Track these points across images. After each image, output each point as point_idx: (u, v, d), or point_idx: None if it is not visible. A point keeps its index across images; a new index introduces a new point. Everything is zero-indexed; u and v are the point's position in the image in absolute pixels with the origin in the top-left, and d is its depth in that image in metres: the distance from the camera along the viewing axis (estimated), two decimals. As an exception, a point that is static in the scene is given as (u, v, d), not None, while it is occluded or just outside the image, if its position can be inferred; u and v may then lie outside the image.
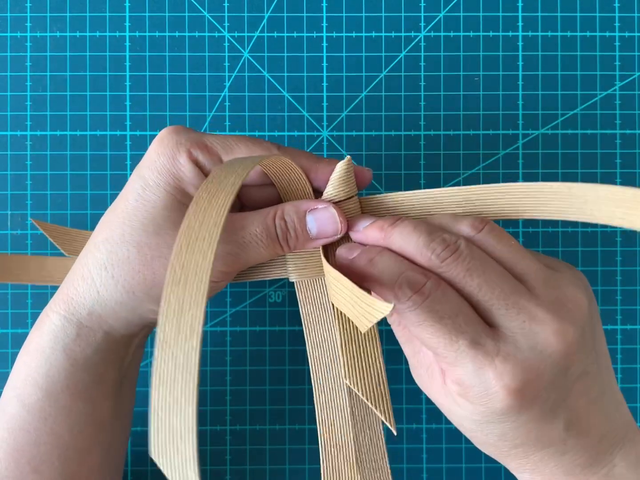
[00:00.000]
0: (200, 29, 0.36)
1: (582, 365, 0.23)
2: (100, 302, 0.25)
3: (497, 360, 0.22)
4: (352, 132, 0.36)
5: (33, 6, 0.36)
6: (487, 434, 0.24)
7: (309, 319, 0.28)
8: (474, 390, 0.22)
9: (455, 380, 0.23)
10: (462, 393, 0.23)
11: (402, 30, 0.36)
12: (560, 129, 0.36)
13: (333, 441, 0.27)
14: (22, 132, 0.35)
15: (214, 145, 0.25)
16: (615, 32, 0.36)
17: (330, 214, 0.26)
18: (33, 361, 0.26)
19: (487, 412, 0.22)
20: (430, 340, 0.23)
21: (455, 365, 0.23)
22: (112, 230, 0.25)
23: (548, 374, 0.22)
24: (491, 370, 0.22)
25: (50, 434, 0.26)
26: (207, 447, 0.35)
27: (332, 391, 0.28)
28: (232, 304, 0.36)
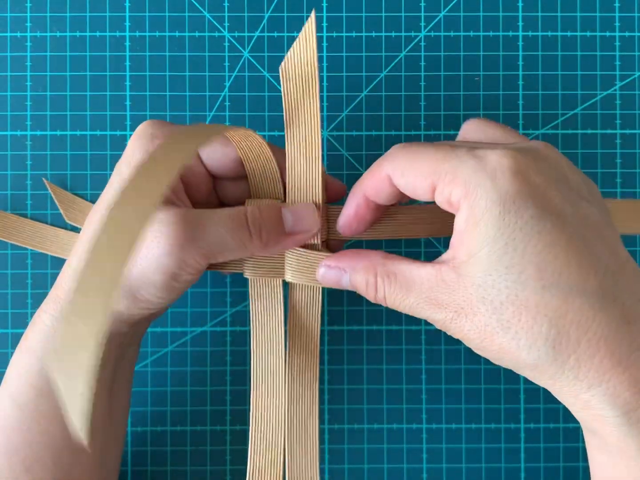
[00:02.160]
0: (200, 29, 0.36)
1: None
2: None
3: (498, 149, 0.21)
4: (352, 132, 0.36)
5: (33, 6, 0.36)
6: (524, 280, 0.20)
7: (257, 317, 0.28)
8: (478, 186, 0.21)
9: (460, 184, 0.21)
10: (469, 205, 0.21)
11: (402, 30, 0.36)
12: (560, 129, 0.36)
13: (263, 445, 0.28)
14: (22, 132, 0.35)
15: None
16: (615, 32, 0.36)
17: (307, 207, 0.26)
18: (26, 362, 0.26)
19: (500, 215, 0.20)
20: (426, 163, 0.22)
21: (456, 171, 0.21)
22: (93, 227, 0.26)
23: (547, 171, 0.21)
24: (493, 155, 0.21)
25: (43, 434, 0.26)
26: (207, 447, 0.35)
27: (268, 393, 0.28)
28: (232, 304, 0.36)
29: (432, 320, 0.23)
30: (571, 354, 0.20)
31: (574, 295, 0.20)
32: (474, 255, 0.21)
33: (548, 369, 0.21)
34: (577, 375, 0.20)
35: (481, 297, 0.21)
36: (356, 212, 0.26)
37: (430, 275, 0.22)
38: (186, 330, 0.35)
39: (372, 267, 0.24)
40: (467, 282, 0.21)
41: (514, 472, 0.35)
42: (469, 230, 0.21)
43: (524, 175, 0.20)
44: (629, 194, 0.36)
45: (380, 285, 0.24)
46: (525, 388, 0.35)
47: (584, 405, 0.21)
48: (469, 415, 0.35)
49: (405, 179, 0.23)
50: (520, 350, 0.20)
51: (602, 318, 0.20)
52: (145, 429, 0.35)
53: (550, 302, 0.20)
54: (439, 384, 0.35)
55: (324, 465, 0.35)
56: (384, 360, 0.35)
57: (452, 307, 0.22)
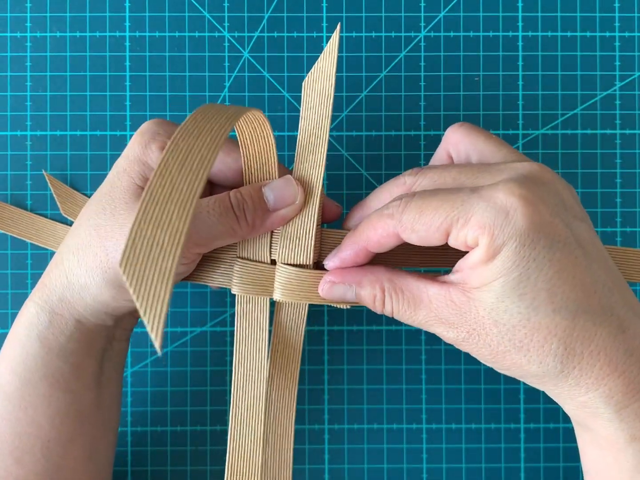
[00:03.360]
0: (200, 29, 0.36)
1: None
2: (69, 288, 0.26)
3: (500, 185, 0.22)
4: (352, 132, 0.36)
5: (33, 6, 0.36)
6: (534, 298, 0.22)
7: (241, 334, 0.28)
8: (494, 225, 0.21)
9: (475, 226, 0.22)
10: (487, 243, 0.22)
11: (402, 30, 0.36)
12: (560, 129, 0.36)
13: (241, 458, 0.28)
14: (22, 132, 0.35)
15: None
16: (615, 32, 0.36)
17: (285, 179, 0.26)
18: (11, 349, 0.26)
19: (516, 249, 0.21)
20: (436, 216, 0.22)
21: (467, 215, 0.22)
22: (84, 217, 0.26)
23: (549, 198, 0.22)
24: (499, 193, 0.22)
25: (31, 425, 0.26)
26: (207, 447, 0.35)
27: (248, 410, 0.28)
28: (232, 304, 0.36)
29: (444, 337, 0.24)
30: (576, 365, 0.22)
31: (579, 314, 0.22)
32: (487, 284, 0.22)
33: (553, 379, 0.23)
34: (578, 382, 0.22)
35: (494, 320, 0.22)
36: (354, 261, 0.26)
37: (438, 295, 0.23)
38: (186, 330, 0.35)
39: (378, 281, 0.25)
40: (479, 305, 0.22)
41: (514, 472, 0.35)
42: (484, 263, 0.22)
43: (533, 208, 0.22)
44: (628, 194, 0.36)
45: (387, 301, 0.25)
46: (525, 388, 0.35)
47: (580, 405, 0.23)
48: (469, 415, 0.35)
49: (417, 234, 0.23)
50: (531, 365, 0.22)
51: (602, 332, 0.22)
52: (145, 429, 0.35)
53: (560, 323, 0.22)
54: (439, 384, 0.35)
55: (324, 465, 0.35)
56: (384, 360, 0.35)
57: (464, 327, 0.23)
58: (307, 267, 0.27)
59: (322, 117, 0.27)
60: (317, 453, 0.35)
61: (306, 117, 0.27)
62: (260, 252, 0.27)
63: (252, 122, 0.25)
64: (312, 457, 0.35)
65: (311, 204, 0.27)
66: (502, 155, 0.26)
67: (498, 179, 0.23)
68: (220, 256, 0.28)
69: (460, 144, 0.27)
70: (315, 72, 0.27)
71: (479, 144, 0.26)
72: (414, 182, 0.25)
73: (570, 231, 0.22)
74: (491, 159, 0.26)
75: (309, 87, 0.27)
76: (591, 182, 0.36)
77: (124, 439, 0.35)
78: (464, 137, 0.26)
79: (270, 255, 0.27)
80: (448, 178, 0.24)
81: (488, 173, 0.23)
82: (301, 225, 0.27)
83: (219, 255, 0.28)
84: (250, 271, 0.27)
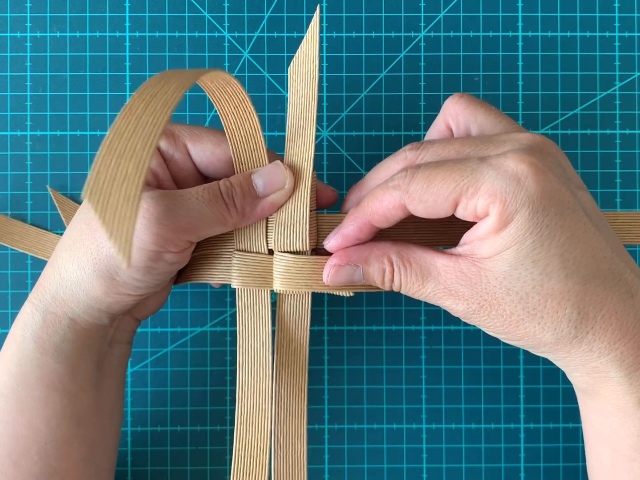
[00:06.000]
0: (200, 29, 0.36)
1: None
2: (62, 285, 0.25)
3: (509, 154, 0.22)
4: (352, 132, 0.36)
5: (33, 6, 0.36)
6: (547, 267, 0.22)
7: (243, 328, 0.27)
8: (506, 192, 0.21)
9: (485, 194, 0.22)
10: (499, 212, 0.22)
11: (402, 30, 0.36)
12: (560, 129, 0.36)
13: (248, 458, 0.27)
14: (22, 132, 0.35)
15: (181, 133, 0.26)
16: (615, 32, 0.36)
17: (274, 164, 0.26)
18: (7, 350, 0.26)
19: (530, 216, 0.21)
20: (445, 185, 0.22)
21: (477, 183, 0.22)
22: (76, 214, 0.26)
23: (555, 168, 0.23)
24: (509, 161, 0.22)
25: (27, 427, 0.26)
26: (207, 447, 0.35)
27: (254, 408, 0.27)
28: (232, 304, 0.36)
29: (453, 310, 0.24)
30: (589, 330, 0.22)
31: (591, 279, 0.22)
32: (499, 253, 0.22)
33: (567, 346, 0.23)
34: (591, 347, 0.22)
35: (506, 289, 0.22)
36: (356, 237, 0.25)
37: (447, 266, 0.23)
38: (186, 330, 0.35)
39: (385, 255, 0.24)
40: (490, 275, 0.22)
41: (514, 472, 0.35)
42: (496, 232, 0.22)
43: (544, 176, 0.22)
44: (628, 193, 0.36)
45: (396, 274, 0.24)
46: (525, 388, 0.35)
47: (591, 370, 0.23)
48: (469, 415, 0.35)
49: (425, 204, 0.23)
50: (545, 332, 0.22)
51: (613, 296, 0.22)
52: (145, 429, 0.35)
53: (572, 288, 0.22)
54: (439, 384, 0.35)
55: (324, 465, 0.35)
56: (384, 360, 0.35)
57: (474, 299, 0.23)
58: (305, 254, 0.27)
59: (309, 99, 0.26)
60: (317, 453, 0.35)
61: (293, 102, 0.27)
62: (257, 242, 0.27)
63: (225, 87, 0.25)
64: (312, 457, 0.35)
65: (302, 187, 0.26)
66: (502, 126, 0.26)
67: (504, 149, 0.23)
68: (219, 252, 0.28)
69: (460, 116, 0.26)
70: (299, 56, 0.27)
71: (479, 116, 0.26)
72: (417, 156, 0.25)
73: (576, 199, 0.23)
74: (491, 130, 0.26)
75: (295, 72, 0.27)
76: (591, 182, 0.36)
77: (124, 439, 0.35)
78: (464, 109, 0.26)
79: (267, 244, 0.27)
80: (452, 150, 0.24)
81: (492, 144, 0.23)
82: (294, 210, 0.26)
83: (218, 251, 0.28)
84: (249, 263, 0.27)
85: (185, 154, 0.27)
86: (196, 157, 0.27)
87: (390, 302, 0.35)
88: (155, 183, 0.26)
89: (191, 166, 0.27)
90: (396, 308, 0.35)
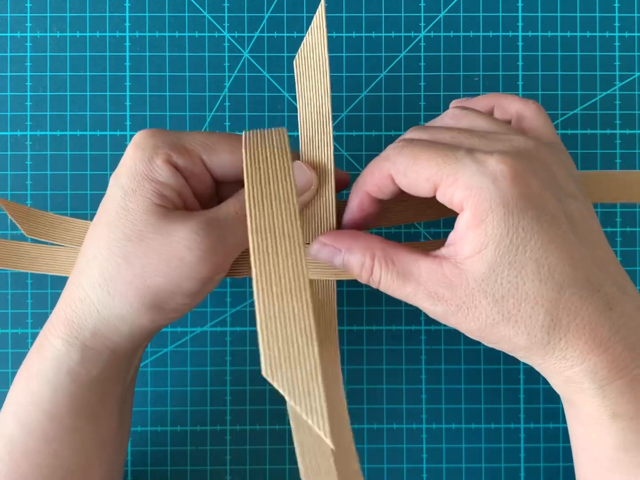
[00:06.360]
0: (200, 29, 0.36)
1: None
2: (102, 321, 0.25)
3: (495, 153, 0.23)
4: (352, 132, 0.36)
5: (33, 6, 0.36)
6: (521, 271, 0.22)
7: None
8: (481, 189, 0.22)
9: (462, 187, 0.22)
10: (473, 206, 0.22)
11: (402, 30, 0.36)
12: (560, 129, 0.36)
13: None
14: (22, 132, 0.35)
15: (194, 147, 0.25)
16: (615, 32, 0.36)
17: (298, 167, 0.26)
18: (36, 387, 0.25)
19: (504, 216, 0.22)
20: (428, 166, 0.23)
21: (457, 174, 0.22)
22: (99, 245, 0.25)
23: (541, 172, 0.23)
24: (492, 160, 0.22)
25: (53, 457, 0.25)
26: (207, 447, 0.35)
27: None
28: (232, 304, 0.36)
29: (430, 311, 0.24)
30: (562, 337, 0.22)
31: (566, 287, 0.22)
32: (479, 252, 0.22)
33: (540, 351, 0.23)
34: (564, 355, 0.22)
35: (483, 291, 0.22)
36: (360, 208, 0.26)
37: (430, 268, 0.23)
38: (186, 330, 0.35)
39: (369, 249, 0.25)
40: (470, 276, 0.22)
41: (514, 472, 0.35)
42: (473, 229, 0.22)
43: (522, 180, 0.22)
44: (628, 194, 0.36)
45: (376, 269, 0.24)
46: (525, 388, 0.35)
47: (566, 380, 0.23)
48: (469, 415, 0.35)
49: (407, 179, 0.24)
50: (519, 337, 0.22)
51: (588, 306, 0.22)
52: (145, 429, 0.35)
53: (546, 294, 0.22)
54: (439, 384, 0.35)
55: (324, 465, 0.35)
56: (384, 360, 0.35)
57: (453, 301, 0.23)
58: None
59: (321, 93, 0.26)
60: (317, 453, 0.35)
61: (304, 97, 0.27)
62: None
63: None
64: (312, 457, 0.35)
65: (327, 183, 0.27)
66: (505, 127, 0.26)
67: (495, 148, 0.23)
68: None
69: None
70: (305, 49, 0.26)
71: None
72: (413, 136, 0.25)
73: (561, 206, 0.23)
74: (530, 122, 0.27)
75: (302, 66, 0.27)
76: (591, 182, 0.36)
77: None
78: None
79: None
80: (447, 135, 0.24)
81: (486, 140, 0.24)
82: (321, 206, 0.27)
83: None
84: None
85: (202, 168, 0.26)
86: (213, 168, 0.26)
87: (390, 302, 0.35)
88: (181, 204, 0.25)
89: (209, 177, 0.27)
90: (396, 308, 0.35)
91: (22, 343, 0.35)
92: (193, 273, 0.24)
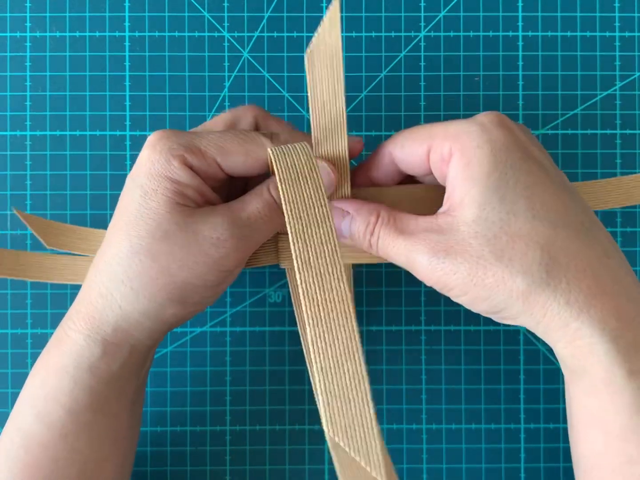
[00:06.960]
0: (200, 29, 0.36)
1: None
2: (124, 317, 0.25)
3: (479, 115, 0.24)
4: (352, 132, 0.36)
5: (33, 6, 0.36)
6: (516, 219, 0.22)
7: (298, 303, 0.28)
8: (469, 132, 0.23)
9: (452, 135, 0.24)
10: (462, 147, 0.23)
11: (402, 30, 0.36)
12: (560, 129, 0.36)
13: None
14: (22, 132, 0.35)
15: (208, 149, 0.25)
16: (615, 32, 0.36)
17: (322, 168, 0.26)
18: (55, 381, 0.25)
19: (492, 152, 0.23)
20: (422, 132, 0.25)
21: (447, 129, 0.24)
22: (119, 244, 0.25)
23: (525, 133, 0.25)
24: (480, 115, 0.24)
25: (70, 451, 0.25)
26: (207, 447, 0.35)
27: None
28: (232, 304, 0.36)
29: (420, 262, 0.24)
30: (562, 277, 0.21)
31: (561, 227, 0.22)
32: (468, 193, 0.23)
33: (541, 296, 0.22)
34: (568, 300, 0.21)
35: (474, 232, 0.22)
36: (375, 158, 0.28)
37: (426, 222, 0.24)
38: (186, 331, 0.35)
39: (376, 210, 0.25)
40: (460, 221, 0.23)
41: (514, 472, 0.35)
42: (462, 171, 0.23)
43: (509, 128, 0.23)
44: (629, 194, 0.36)
45: (378, 225, 0.25)
46: (525, 388, 0.35)
47: (574, 335, 0.22)
48: (469, 415, 0.35)
49: (404, 149, 0.25)
50: (514, 277, 0.22)
51: (586, 249, 0.22)
52: (145, 429, 0.35)
53: (541, 230, 0.22)
54: (439, 384, 0.35)
55: (324, 465, 0.35)
56: (384, 360, 0.35)
57: (441, 246, 0.23)
58: None
59: (335, 87, 0.27)
60: (317, 453, 0.35)
61: (314, 87, 0.27)
62: None
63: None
64: (312, 457, 0.35)
65: (342, 176, 0.27)
66: None
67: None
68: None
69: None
70: (317, 42, 0.26)
71: None
72: None
73: (545, 158, 0.24)
74: None
75: (314, 60, 0.27)
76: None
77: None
78: None
79: None
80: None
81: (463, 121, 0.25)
82: (336, 194, 0.28)
83: None
84: None
85: (216, 168, 0.26)
86: (227, 169, 0.26)
87: (390, 302, 0.35)
88: (201, 200, 0.26)
89: (223, 175, 0.27)
90: (396, 308, 0.35)
91: (21, 343, 0.35)
92: (217, 266, 0.25)
